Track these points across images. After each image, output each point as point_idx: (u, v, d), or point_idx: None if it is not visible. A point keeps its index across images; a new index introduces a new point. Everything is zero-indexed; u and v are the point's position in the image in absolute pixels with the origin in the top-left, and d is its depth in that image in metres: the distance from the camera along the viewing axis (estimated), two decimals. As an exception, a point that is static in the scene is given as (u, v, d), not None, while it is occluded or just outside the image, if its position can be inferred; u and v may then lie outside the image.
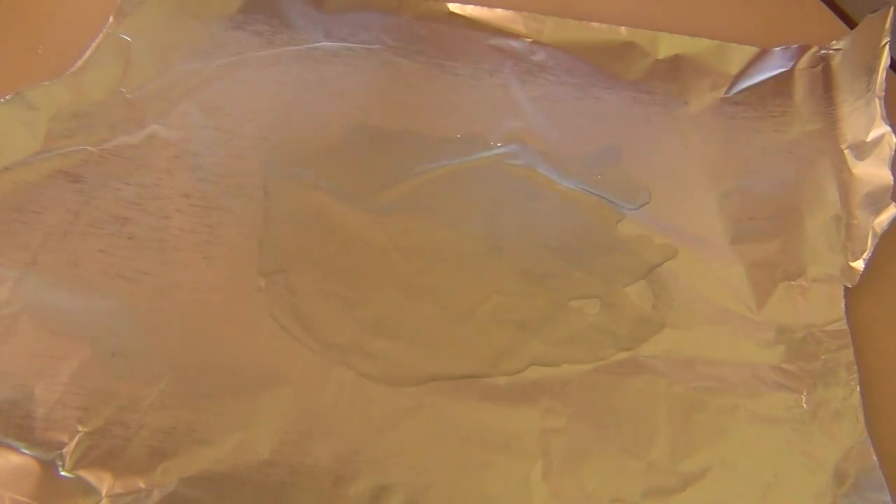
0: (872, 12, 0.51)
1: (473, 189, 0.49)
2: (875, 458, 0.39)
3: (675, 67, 0.55)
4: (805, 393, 0.42)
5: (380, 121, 0.52)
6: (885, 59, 0.50)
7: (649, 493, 0.39)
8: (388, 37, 0.56)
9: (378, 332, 0.43)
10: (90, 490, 0.36)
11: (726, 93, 0.54)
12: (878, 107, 0.49)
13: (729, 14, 0.60)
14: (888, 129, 0.48)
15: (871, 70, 0.50)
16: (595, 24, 0.56)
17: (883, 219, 0.46)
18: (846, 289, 0.45)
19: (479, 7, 0.57)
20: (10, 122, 0.47)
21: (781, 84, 0.54)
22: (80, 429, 0.38)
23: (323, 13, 0.56)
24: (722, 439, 0.40)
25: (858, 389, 0.41)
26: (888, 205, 0.46)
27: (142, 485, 0.37)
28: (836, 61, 0.54)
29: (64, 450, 0.37)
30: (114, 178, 0.47)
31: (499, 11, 0.57)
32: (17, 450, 0.37)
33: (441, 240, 0.47)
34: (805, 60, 0.55)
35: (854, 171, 0.49)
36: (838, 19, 0.60)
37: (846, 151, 0.51)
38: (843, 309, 0.44)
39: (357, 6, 0.57)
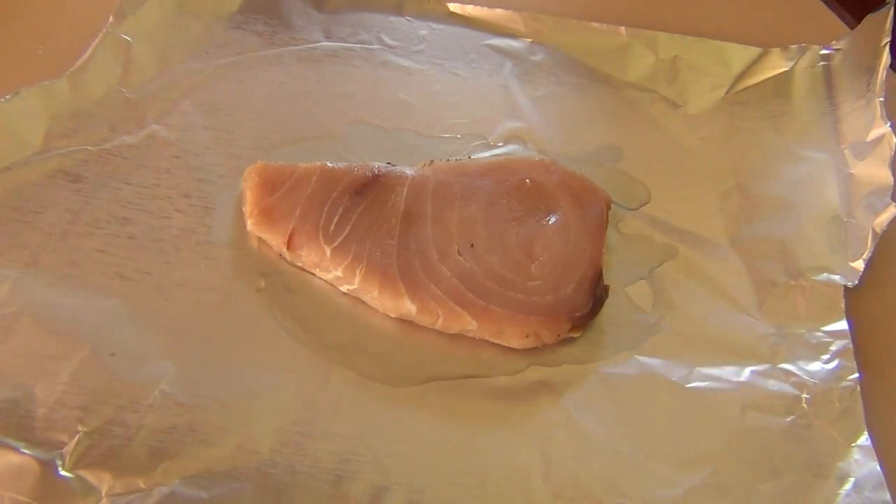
0: (872, 12, 0.51)
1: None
2: (875, 458, 0.39)
3: (675, 67, 0.55)
4: (805, 393, 0.42)
5: (379, 120, 0.52)
6: (885, 59, 0.50)
7: (649, 493, 0.39)
8: (388, 37, 0.56)
9: (378, 333, 0.43)
10: (90, 490, 0.36)
11: (726, 93, 0.55)
12: (878, 107, 0.49)
13: (729, 14, 0.60)
14: (888, 129, 0.48)
15: (872, 70, 0.50)
16: (595, 24, 0.56)
17: (883, 219, 0.46)
18: (846, 289, 0.45)
19: (479, 7, 0.57)
20: (10, 121, 0.47)
21: (781, 84, 0.55)
22: (79, 428, 0.38)
23: (323, 13, 0.57)
24: (722, 439, 0.40)
25: (858, 389, 0.41)
26: (888, 205, 0.46)
27: (142, 485, 0.37)
28: (837, 61, 0.54)
29: (64, 449, 0.37)
30: (114, 178, 0.47)
31: (499, 11, 0.57)
32: (16, 449, 0.37)
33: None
34: (805, 60, 0.55)
35: (854, 171, 0.49)
36: (838, 19, 0.60)
37: (846, 151, 0.51)
38: (844, 309, 0.44)
39: (357, 6, 0.57)
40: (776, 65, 0.55)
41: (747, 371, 0.43)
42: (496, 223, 0.44)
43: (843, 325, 0.44)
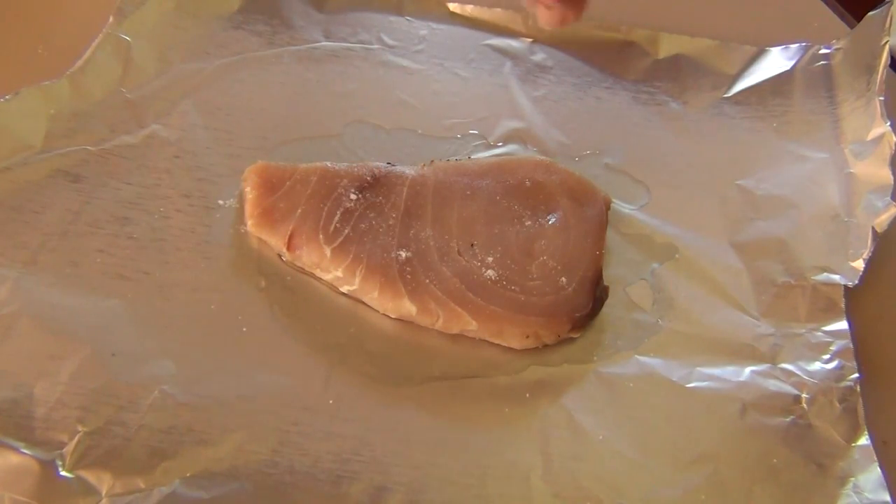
0: (872, 11, 0.51)
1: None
2: (875, 458, 0.39)
3: (675, 67, 0.55)
4: (805, 392, 0.42)
5: (379, 120, 0.52)
6: (885, 59, 0.50)
7: (649, 493, 0.39)
8: (388, 37, 0.56)
9: (378, 333, 0.43)
10: (90, 490, 0.36)
11: (726, 93, 0.55)
12: (878, 106, 0.49)
13: (729, 14, 0.60)
14: (888, 128, 0.48)
15: (872, 69, 0.50)
16: (595, 24, 0.56)
17: (883, 219, 0.46)
18: (846, 288, 0.45)
19: (479, 7, 0.57)
20: (10, 121, 0.47)
21: (781, 84, 0.54)
22: (79, 428, 0.38)
23: (323, 13, 0.57)
24: (722, 438, 0.40)
25: (858, 389, 0.41)
26: (888, 204, 0.46)
27: (142, 485, 0.37)
28: (837, 60, 0.54)
29: (64, 450, 0.37)
30: (114, 178, 0.47)
31: (499, 11, 0.57)
32: (16, 449, 0.37)
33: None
34: (805, 60, 0.55)
35: (854, 170, 0.49)
36: (838, 19, 0.60)
37: (846, 151, 0.51)
38: (844, 308, 0.44)
39: (357, 6, 0.57)
40: (776, 65, 0.55)
41: (747, 371, 0.43)
42: (496, 223, 0.44)
43: (843, 325, 0.44)
